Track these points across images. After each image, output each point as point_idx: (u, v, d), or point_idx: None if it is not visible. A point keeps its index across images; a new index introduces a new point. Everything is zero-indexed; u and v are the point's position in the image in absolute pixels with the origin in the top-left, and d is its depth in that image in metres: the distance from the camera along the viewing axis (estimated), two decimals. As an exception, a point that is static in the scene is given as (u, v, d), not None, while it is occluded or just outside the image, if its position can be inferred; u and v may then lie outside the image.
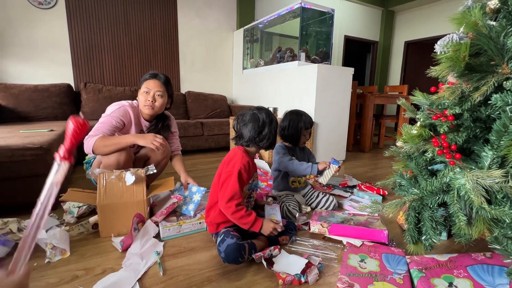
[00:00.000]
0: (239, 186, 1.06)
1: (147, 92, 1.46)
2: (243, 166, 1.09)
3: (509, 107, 0.68)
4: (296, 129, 1.56)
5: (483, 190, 0.72)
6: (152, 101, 1.46)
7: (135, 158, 1.60)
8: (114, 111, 1.43)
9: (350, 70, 2.72)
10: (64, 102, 2.77)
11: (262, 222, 1.09)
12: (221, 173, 1.13)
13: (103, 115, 1.45)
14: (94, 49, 3.13)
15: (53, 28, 2.91)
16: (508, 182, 0.70)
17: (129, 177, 1.22)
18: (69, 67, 3.05)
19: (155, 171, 1.32)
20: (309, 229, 1.27)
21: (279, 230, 1.11)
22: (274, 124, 1.17)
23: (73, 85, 3.05)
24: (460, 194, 0.78)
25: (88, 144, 1.32)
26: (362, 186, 1.90)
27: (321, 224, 1.24)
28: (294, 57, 3.15)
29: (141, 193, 1.24)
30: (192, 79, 3.84)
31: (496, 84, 0.73)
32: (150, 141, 1.34)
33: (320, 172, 1.51)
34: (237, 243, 1.00)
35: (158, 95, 1.47)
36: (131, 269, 0.98)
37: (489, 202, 0.74)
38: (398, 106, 3.80)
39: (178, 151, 1.71)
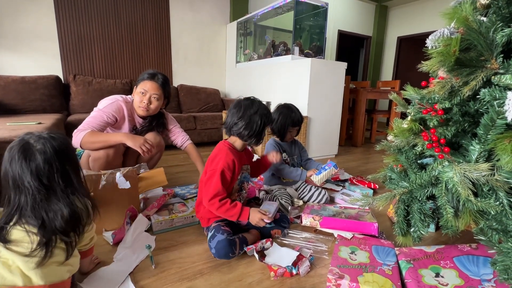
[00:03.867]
0: (222, 185, 1.05)
1: (143, 93, 1.42)
2: (227, 165, 1.07)
3: (497, 101, 0.69)
4: (284, 124, 1.56)
5: (470, 183, 0.74)
6: (147, 103, 1.43)
7: (128, 151, 1.58)
8: (106, 106, 1.40)
9: (343, 65, 2.73)
10: (53, 94, 2.71)
11: (249, 211, 1.08)
12: (206, 170, 1.12)
13: (95, 109, 1.42)
14: (83, 40, 3.05)
15: (40, 18, 2.81)
16: (494, 175, 0.71)
17: (122, 181, 1.18)
18: (58, 58, 2.96)
19: (147, 169, 1.30)
20: (301, 222, 1.28)
21: (267, 220, 1.08)
22: (257, 117, 1.09)
23: (61, 77, 2.97)
24: (448, 187, 0.79)
25: (76, 138, 1.29)
26: (354, 180, 1.92)
27: (312, 217, 1.25)
28: (287, 51, 3.14)
29: (135, 192, 1.23)
30: (185, 73, 3.79)
31: (484, 79, 0.74)
32: (139, 145, 1.31)
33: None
34: (227, 239, 0.99)
35: (154, 97, 1.44)
36: (122, 263, 0.98)
37: (475, 194, 0.76)
38: (390, 101, 3.84)
39: (187, 141, 1.67)
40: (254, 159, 2.19)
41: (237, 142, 1.16)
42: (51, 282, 0.67)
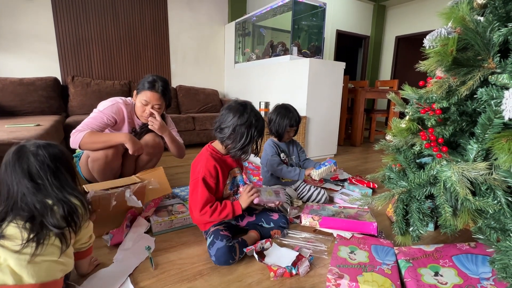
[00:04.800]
0: (208, 192, 1.04)
1: (144, 104, 1.42)
2: (208, 173, 1.05)
3: (494, 101, 0.70)
4: (281, 124, 1.56)
5: (468, 182, 0.74)
6: (150, 114, 1.44)
7: (127, 152, 1.57)
8: (106, 107, 1.40)
9: (342, 65, 2.73)
10: (51, 96, 2.70)
11: (239, 201, 1.08)
12: (191, 178, 1.11)
13: (94, 110, 1.42)
14: (81, 42, 3.05)
15: (38, 19, 2.81)
16: (491, 174, 0.72)
17: (134, 200, 1.14)
18: (56, 60, 2.96)
19: (157, 186, 1.31)
20: (300, 222, 1.28)
21: (256, 201, 1.07)
22: (243, 129, 1.02)
23: (60, 78, 2.97)
24: (446, 186, 0.80)
25: (75, 139, 1.29)
26: (353, 180, 1.93)
27: (312, 217, 1.25)
28: (286, 51, 3.14)
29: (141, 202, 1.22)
30: (183, 73, 3.79)
31: (482, 79, 0.75)
32: (136, 149, 1.34)
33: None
34: (227, 246, 0.98)
35: (156, 107, 1.44)
36: (122, 264, 0.98)
37: (473, 193, 0.76)
38: (389, 101, 3.85)
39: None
40: (253, 159, 2.18)
41: (219, 145, 1.13)
42: (42, 281, 0.67)
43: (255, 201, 1.09)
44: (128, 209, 1.19)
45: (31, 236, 0.67)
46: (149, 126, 1.43)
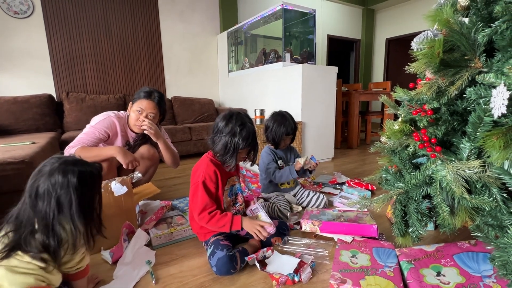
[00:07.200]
0: (208, 196, 1.05)
1: (139, 112, 1.44)
2: (208, 177, 1.07)
3: (483, 99, 0.71)
4: (277, 132, 1.56)
5: (463, 180, 0.75)
6: (145, 117, 1.44)
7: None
8: (98, 122, 1.41)
9: (334, 69, 2.77)
10: (46, 113, 2.69)
11: (241, 219, 1.06)
12: (191, 184, 1.12)
13: (87, 125, 1.42)
14: (75, 58, 3.06)
15: (30, 37, 2.82)
16: (485, 171, 0.73)
17: (118, 187, 1.17)
18: (50, 77, 2.96)
19: (140, 176, 1.29)
20: (301, 228, 1.28)
21: (270, 232, 1.05)
22: (228, 138, 1.03)
23: (54, 95, 2.97)
24: (442, 186, 0.80)
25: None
26: (351, 183, 1.93)
27: (312, 223, 1.25)
28: (278, 58, 3.18)
29: (130, 201, 1.22)
30: (178, 84, 3.81)
31: (470, 78, 0.76)
32: (128, 161, 1.34)
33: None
34: (227, 255, 0.98)
35: (151, 116, 1.46)
36: (122, 280, 0.97)
37: (469, 191, 0.77)
38: (383, 102, 3.89)
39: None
40: (251, 166, 2.17)
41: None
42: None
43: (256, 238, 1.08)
44: (121, 217, 1.18)
45: (9, 246, 0.68)
46: (145, 131, 1.42)
